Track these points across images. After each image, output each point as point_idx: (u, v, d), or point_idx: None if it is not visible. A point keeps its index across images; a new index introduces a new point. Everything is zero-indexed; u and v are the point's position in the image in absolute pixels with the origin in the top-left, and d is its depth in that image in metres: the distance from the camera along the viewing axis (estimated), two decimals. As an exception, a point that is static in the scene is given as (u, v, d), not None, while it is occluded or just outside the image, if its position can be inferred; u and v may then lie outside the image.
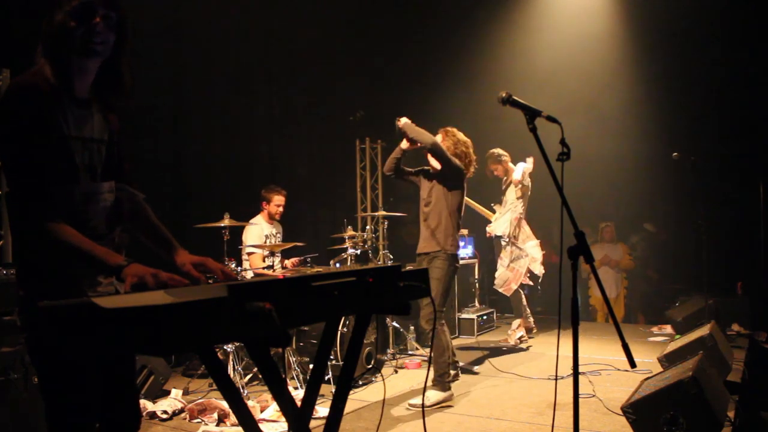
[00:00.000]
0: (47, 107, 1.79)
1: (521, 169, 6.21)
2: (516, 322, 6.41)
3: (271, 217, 5.70)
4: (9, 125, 1.76)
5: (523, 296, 6.46)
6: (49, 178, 1.77)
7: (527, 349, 6.29)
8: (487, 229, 6.62)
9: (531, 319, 6.52)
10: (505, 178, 6.44)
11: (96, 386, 1.87)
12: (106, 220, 1.96)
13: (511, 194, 6.35)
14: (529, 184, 6.31)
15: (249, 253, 5.49)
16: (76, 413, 1.84)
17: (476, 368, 5.39)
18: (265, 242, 5.46)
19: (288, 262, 5.60)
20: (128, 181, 2.08)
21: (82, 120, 1.90)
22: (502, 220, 6.40)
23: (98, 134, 1.96)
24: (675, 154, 6.04)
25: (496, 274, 6.42)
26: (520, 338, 6.32)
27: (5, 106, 1.78)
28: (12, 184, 1.78)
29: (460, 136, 4.66)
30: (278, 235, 5.72)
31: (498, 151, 6.38)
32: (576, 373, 2.22)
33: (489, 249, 7.45)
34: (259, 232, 5.54)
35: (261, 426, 2.28)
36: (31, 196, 1.73)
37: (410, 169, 4.80)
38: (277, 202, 5.68)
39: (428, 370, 2.63)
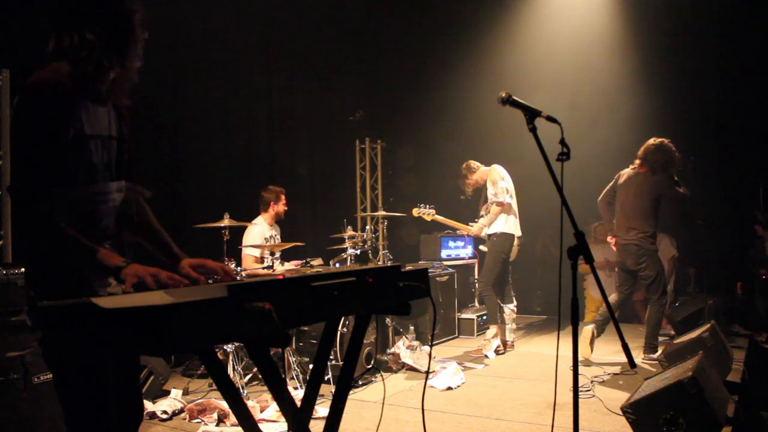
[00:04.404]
0: (69, 106, 1.78)
1: (502, 190, 5.93)
2: (491, 331, 6.07)
3: (276, 218, 5.69)
4: (27, 124, 1.73)
5: (507, 308, 6.10)
6: (58, 178, 1.76)
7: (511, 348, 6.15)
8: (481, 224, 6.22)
9: (510, 335, 6.09)
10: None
11: (111, 382, 1.86)
12: (115, 219, 1.96)
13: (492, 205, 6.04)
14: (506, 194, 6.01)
15: (247, 253, 5.48)
16: (95, 410, 1.83)
17: (479, 366, 5.40)
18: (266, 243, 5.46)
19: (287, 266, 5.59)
20: (136, 181, 2.08)
21: (101, 117, 1.90)
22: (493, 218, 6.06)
23: (115, 131, 1.96)
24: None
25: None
26: (496, 349, 5.88)
27: (26, 103, 1.74)
28: (20, 182, 1.74)
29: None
30: (277, 236, 5.73)
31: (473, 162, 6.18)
32: (576, 373, 2.22)
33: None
34: (260, 232, 5.54)
35: (261, 426, 2.28)
36: (38, 197, 1.71)
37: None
38: (284, 200, 5.71)
39: (428, 370, 2.63)
